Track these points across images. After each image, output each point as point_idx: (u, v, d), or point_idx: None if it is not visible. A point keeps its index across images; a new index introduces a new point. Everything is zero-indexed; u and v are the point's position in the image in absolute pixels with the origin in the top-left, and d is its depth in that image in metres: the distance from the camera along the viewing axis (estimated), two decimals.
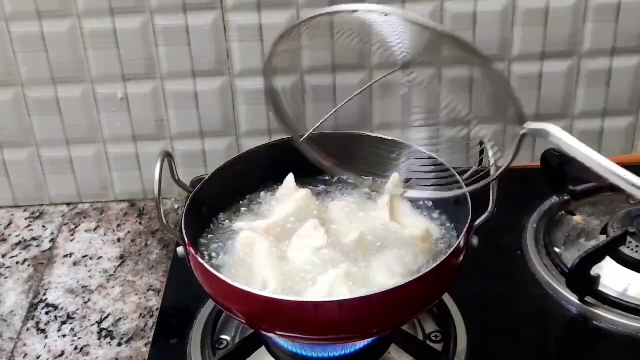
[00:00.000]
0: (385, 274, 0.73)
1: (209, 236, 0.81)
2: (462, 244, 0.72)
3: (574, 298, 0.86)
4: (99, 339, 0.90)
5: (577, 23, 1.04)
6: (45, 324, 0.93)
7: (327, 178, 0.86)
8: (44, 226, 1.09)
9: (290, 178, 0.83)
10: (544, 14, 1.03)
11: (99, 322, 0.92)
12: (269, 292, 0.71)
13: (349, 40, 0.71)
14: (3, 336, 0.91)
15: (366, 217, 0.81)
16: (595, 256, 0.85)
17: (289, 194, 0.82)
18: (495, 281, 0.91)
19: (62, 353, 0.89)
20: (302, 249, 0.76)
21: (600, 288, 0.86)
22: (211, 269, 0.71)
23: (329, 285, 0.71)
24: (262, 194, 0.85)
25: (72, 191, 1.13)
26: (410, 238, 0.78)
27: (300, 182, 0.84)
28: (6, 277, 1.00)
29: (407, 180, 0.79)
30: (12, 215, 1.12)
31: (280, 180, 0.84)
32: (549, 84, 1.08)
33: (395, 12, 0.63)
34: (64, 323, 0.93)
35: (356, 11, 0.66)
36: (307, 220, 0.78)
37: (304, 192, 0.82)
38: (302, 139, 0.74)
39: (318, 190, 0.86)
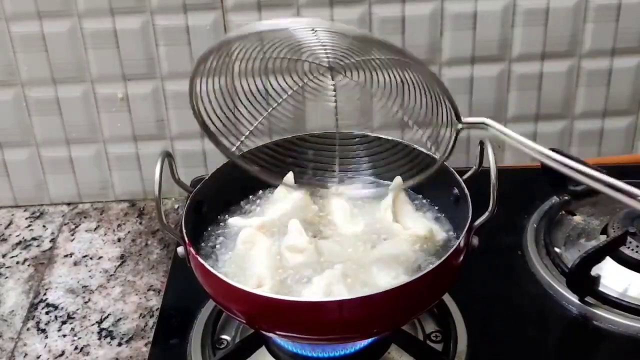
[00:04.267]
0: (384, 273, 0.73)
1: (209, 236, 0.81)
2: (462, 244, 0.72)
3: (574, 298, 0.86)
4: (99, 338, 0.90)
5: (577, 23, 1.04)
6: (46, 324, 0.93)
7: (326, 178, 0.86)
8: (44, 226, 1.10)
9: (289, 176, 0.83)
10: (544, 14, 1.03)
11: (99, 322, 0.92)
12: (269, 292, 0.71)
13: (277, 51, 0.71)
14: (3, 336, 0.91)
15: (368, 218, 0.81)
16: (595, 256, 0.85)
17: (287, 192, 0.82)
18: (496, 281, 0.91)
19: (62, 353, 0.89)
20: (292, 253, 0.76)
21: (601, 288, 0.85)
22: (211, 269, 0.71)
23: (326, 285, 0.71)
24: (261, 192, 0.85)
25: (73, 191, 1.13)
26: (411, 237, 0.78)
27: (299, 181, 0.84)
28: (6, 277, 1.00)
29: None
30: (13, 215, 1.12)
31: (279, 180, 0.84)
32: (549, 84, 1.08)
33: (322, 25, 0.63)
34: (64, 323, 0.93)
35: (285, 29, 0.65)
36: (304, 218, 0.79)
37: (302, 191, 0.82)
38: (236, 150, 0.76)
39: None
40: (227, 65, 0.70)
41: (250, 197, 0.85)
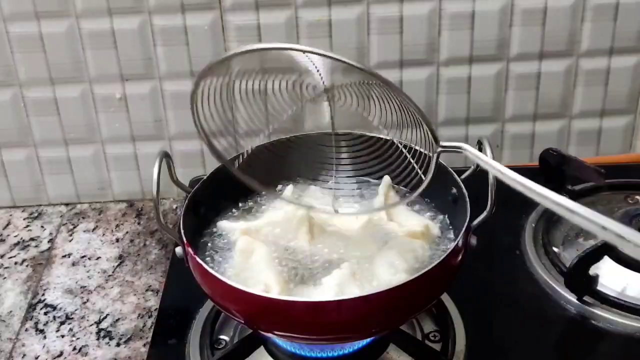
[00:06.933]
0: (387, 271, 0.73)
1: (208, 236, 0.81)
2: (460, 243, 0.72)
3: (572, 297, 0.86)
4: (98, 339, 0.90)
5: (575, 22, 1.04)
6: (44, 324, 0.93)
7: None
8: (42, 226, 1.09)
9: (288, 190, 0.83)
10: (542, 13, 1.03)
11: (98, 323, 0.92)
12: (270, 293, 0.71)
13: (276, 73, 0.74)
14: (2, 336, 0.91)
15: (363, 219, 0.81)
16: (593, 255, 0.85)
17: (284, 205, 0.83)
18: (494, 281, 0.91)
19: (61, 353, 0.89)
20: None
21: (599, 287, 0.86)
22: (209, 269, 0.71)
23: (337, 285, 0.71)
24: (261, 198, 0.85)
25: (71, 191, 1.13)
26: (410, 234, 0.78)
27: (297, 181, 0.85)
28: (5, 278, 1.00)
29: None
30: (11, 215, 1.12)
31: (278, 181, 0.84)
32: (547, 84, 1.08)
33: (313, 50, 0.65)
34: (62, 323, 0.93)
35: (286, 49, 0.67)
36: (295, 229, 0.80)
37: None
38: (235, 164, 0.78)
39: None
40: (228, 82, 0.71)
41: (248, 198, 0.85)
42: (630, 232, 0.57)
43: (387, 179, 0.82)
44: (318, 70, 0.72)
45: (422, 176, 0.74)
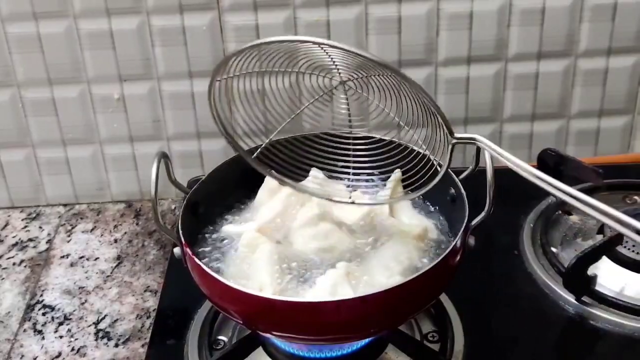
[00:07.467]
0: (382, 273, 0.73)
1: (206, 237, 0.81)
2: (458, 243, 0.72)
3: (570, 298, 0.86)
4: (96, 339, 0.90)
5: (573, 23, 1.04)
6: (42, 325, 0.92)
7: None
8: (40, 227, 1.09)
9: (269, 179, 0.83)
10: (541, 13, 1.03)
11: (96, 323, 0.92)
12: (266, 293, 0.71)
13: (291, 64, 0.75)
14: (0, 337, 0.91)
15: (365, 210, 0.81)
16: (592, 256, 0.85)
17: (272, 193, 0.82)
18: (492, 281, 0.91)
19: (59, 354, 0.88)
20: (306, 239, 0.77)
21: (597, 288, 0.86)
22: (208, 270, 0.71)
23: (331, 285, 0.71)
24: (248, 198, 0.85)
25: (69, 192, 1.13)
26: (409, 233, 0.78)
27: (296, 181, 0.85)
28: (3, 278, 1.00)
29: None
30: (9, 216, 1.12)
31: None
32: (545, 84, 1.08)
33: (327, 42, 0.66)
34: (60, 324, 0.92)
35: (294, 41, 0.70)
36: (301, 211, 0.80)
37: (288, 190, 0.82)
38: (254, 155, 0.80)
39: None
40: (246, 73, 0.74)
41: (247, 198, 0.85)
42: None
43: (398, 173, 0.81)
44: (335, 64, 0.72)
45: (438, 167, 0.74)
